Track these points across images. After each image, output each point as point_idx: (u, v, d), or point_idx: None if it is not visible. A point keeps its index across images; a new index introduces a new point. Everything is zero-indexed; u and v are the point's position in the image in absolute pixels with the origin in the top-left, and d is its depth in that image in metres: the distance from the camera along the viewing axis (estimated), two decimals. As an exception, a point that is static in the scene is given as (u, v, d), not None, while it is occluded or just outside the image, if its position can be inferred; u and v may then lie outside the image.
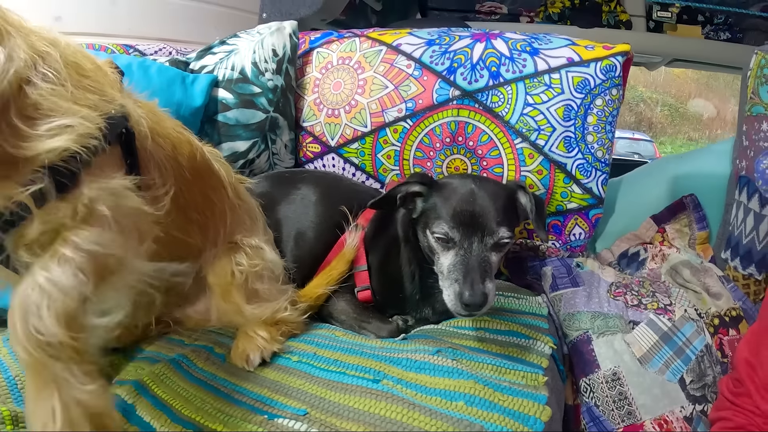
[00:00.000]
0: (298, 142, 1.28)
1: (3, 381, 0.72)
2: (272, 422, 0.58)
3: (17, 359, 0.72)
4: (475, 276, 0.71)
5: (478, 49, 1.08)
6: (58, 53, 0.52)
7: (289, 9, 1.76)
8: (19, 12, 1.02)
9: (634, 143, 9.71)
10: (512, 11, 2.66)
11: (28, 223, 0.50)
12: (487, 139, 1.06)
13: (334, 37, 1.30)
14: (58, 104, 0.50)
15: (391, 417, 0.58)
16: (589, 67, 1.02)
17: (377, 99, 1.15)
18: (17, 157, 0.48)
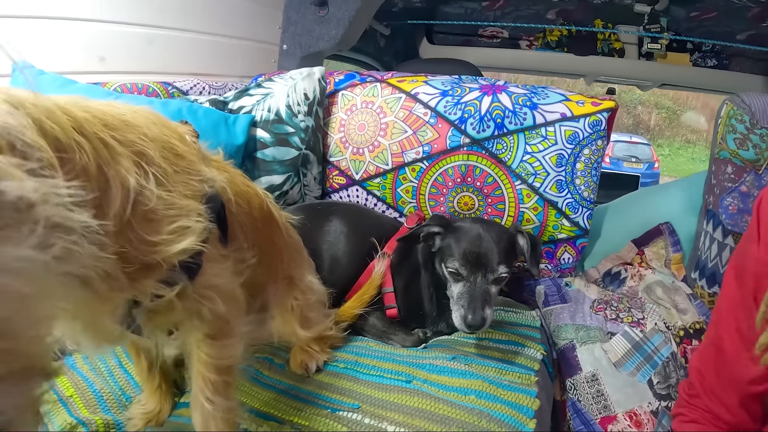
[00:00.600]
0: (325, 174, 1.48)
1: (90, 394, 0.88)
2: (335, 414, 0.78)
3: (98, 374, 0.92)
4: (477, 304, 0.92)
5: (486, 102, 1.29)
6: (155, 146, 0.57)
7: (308, 42, 1.96)
8: (69, 54, 1.21)
9: (632, 146, 9.82)
10: (513, 36, 2.84)
11: (166, 308, 0.59)
12: (491, 181, 1.27)
13: (357, 80, 1.49)
14: (170, 203, 0.56)
15: (422, 408, 0.79)
16: (579, 122, 1.24)
17: (398, 141, 1.36)
18: (151, 261, 0.54)
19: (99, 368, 0.93)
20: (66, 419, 0.82)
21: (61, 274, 0.41)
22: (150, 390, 0.86)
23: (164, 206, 0.54)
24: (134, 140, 0.54)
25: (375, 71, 1.59)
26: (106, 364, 0.95)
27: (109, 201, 0.49)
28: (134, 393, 0.90)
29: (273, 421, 0.79)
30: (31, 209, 0.37)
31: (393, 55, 3.00)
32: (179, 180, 0.58)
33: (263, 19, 1.98)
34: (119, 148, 0.51)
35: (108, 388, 0.90)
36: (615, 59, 2.52)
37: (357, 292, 1.08)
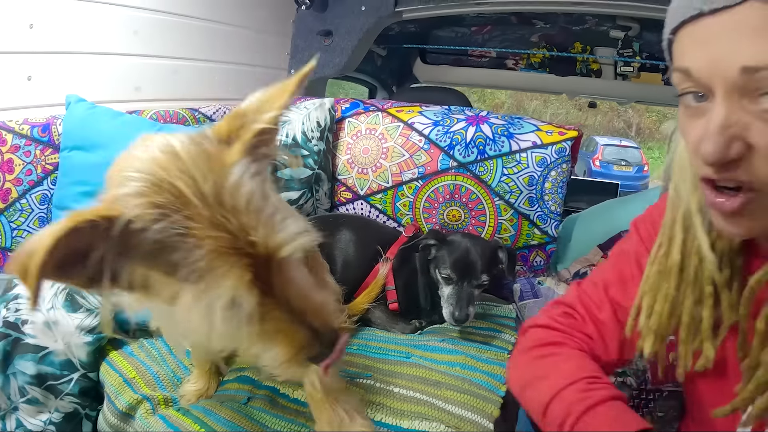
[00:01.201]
0: (334, 190, 1.75)
1: (149, 375, 1.09)
2: (353, 381, 1.04)
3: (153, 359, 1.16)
4: (462, 303, 1.21)
5: (470, 131, 1.58)
6: None
7: (315, 68, 2.23)
8: (109, 85, 1.47)
9: (622, 150, 10.15)
10: (500, 56, 3.12)
11: None
12: (475, 197, 1.56)
13: (361, 109, 1.77)
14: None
15: (419, 375, 1.05)
16: (547, 149, 1.52)
17: (397, 163, 1.64)
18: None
19: (153, 354, 1.17)
20: (132, 396, 1.04)
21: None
22: (201, 371, 1.07)
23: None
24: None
25: (376, 100, 1.87)
26: (158, 351, 1.18)
27: None
28: (183, 374, 1.12)
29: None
30: None
31: (389, 73, 3.30)
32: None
33: (274, 47, 2.27)
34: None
35: (162, 371, 1.12)
36: (593, 79, 2.81)
37: (365, 290, 1.34)
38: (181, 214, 0.54)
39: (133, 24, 1.63)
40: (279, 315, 0.59)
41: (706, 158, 0.58)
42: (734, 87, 0.56)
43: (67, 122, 1.38)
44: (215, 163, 0.57)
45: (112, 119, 1.42)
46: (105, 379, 1.12)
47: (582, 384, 0.79)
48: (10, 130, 1.30)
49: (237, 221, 0.55)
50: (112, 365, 1.13)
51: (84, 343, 1.12)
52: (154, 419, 0.99)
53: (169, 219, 0.54)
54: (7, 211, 1.32)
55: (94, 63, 1.55)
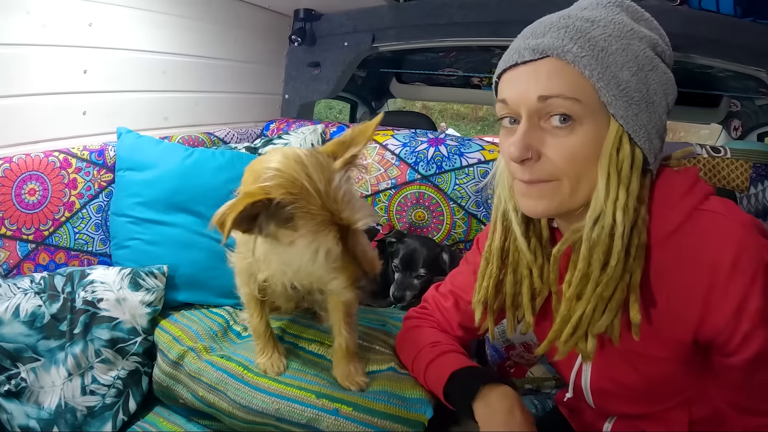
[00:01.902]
0: (326, 197, 2.16)
1: (191, 332, 1.41)
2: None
3: (192, 321, 1.54)
4: (402, 287, 1.63)
5: (431, 151, 1.99)
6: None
7: (305, 94, 2.62)
8: (144, 115, 1.85)
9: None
10: (467, 72, 3.49)
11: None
12: (435, 202, 1.97)
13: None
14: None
15: (392, 334, 1.45)
16: (489, 165, 1.93)
17: (375, 176, 2.05)
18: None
19: (192, 319, 1.53)
20: (180, 348, 1.37)
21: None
22: (262, 342, 1.31)
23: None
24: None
25: (357, 124, 2.27)
26: (195, 317, 1.55)
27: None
28: (217, 328, 1.50)
29: (315, 343, 1.41)
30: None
31: (368, 91, 3.71)
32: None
33: (271, 76, 2.64)
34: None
35: (200, 328, 1.47)
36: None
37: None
38: (304, 200, 0.92)
39: (162, 66, 1.98)
40: (347, 259, 0.97)
41: (512, 157, 0.82)
42: (534, 110, 0.81)
43: (120, 148, 1.70)
44: (325, 171, 0.94)
45: (155, 146, 1.72)
46: (158, 339, 1.47)
47: (429, 346, 1.16)
48: (74, 155, 1.62)
49: (335, 207, 0.93)
50: (163, 329, 1.49)
51: (145, 314, 1.48)
52: (203, 364, 1.33)
53: (299, 202, 0.92)
54: (72, 218, 1.63)
55: (133, 99, 1.89)
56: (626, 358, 0.93)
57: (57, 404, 1.30)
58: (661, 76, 0.82)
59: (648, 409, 0.98)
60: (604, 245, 0.81)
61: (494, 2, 2.22)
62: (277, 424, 1.21)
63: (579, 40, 0.78)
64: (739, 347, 0.80)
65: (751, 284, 0.77)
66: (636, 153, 0.81)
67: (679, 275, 0.82)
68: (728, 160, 1.92)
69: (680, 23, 2.03)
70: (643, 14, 0.85)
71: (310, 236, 0.93)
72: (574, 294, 0.85)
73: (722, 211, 0.82)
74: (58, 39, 1.59)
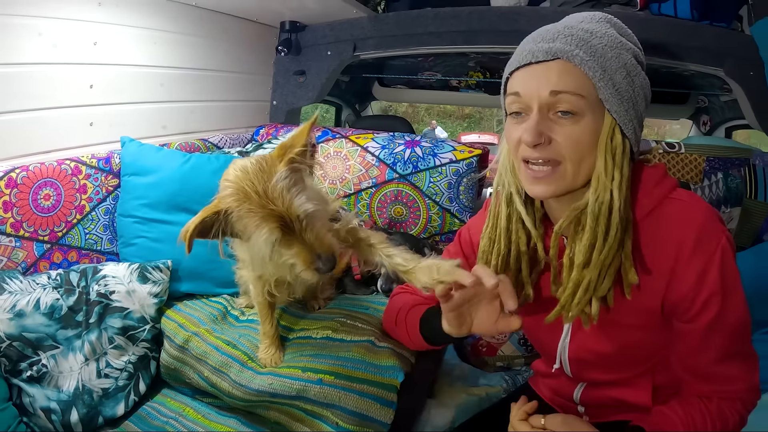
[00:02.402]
0: (312, 196, 2.33)
1: (194, 318, 1.60)
2: (335, 320, 1.59)
3: (194, 309, 1.71)
4: (390, 280, 1.71)
5: (407, 152, 2.17)
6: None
7: (291, 101, 2.77)
8: (144, 124, 2.02)
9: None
10: (445, 76, 3.65)
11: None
12: (412, 198, 2.15)
13: (329, 136, 2.34)
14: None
15: (373, 319, 1.57)
16: (460, 163, 2.12)
17: (357, 176, 2.22)
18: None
19: (194, 307, 1.70)
20: (184, 333, 1.56)
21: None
22: (268, 340, 1.45)
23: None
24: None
25: (341, 129, 2.44)
26: (197, 305, 1.72)
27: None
28: (216, 313, 1.67)
29: (304, 330, 1.56)
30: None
31: (352, 94, 3.86)
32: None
33: (259, 84, 2.80)
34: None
35: (202, 314, 1.64)
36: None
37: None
38: (247, 203, 1.06)
39: (160, 78, 2.14)
40: (298, 245, 1.08)
41: (527, 142, 0.92)
42: (545, 103, 0.92)
43: (125, 155, 1.84)
44: (266, 174, 1.07)
45: (156, 152, 1.86)
46: (165, 326, 1.63)
47: (407, 306, 1.31)
48: (84, 163, 1.77)
49: (274, 203, 1.05)
50: (168, 317, 1.66)
51: (152, 303, 1.64)
52: (208, 347, 1.50)
53: (243, 206, 1.06)
54: (83, 220, 1.77)
55: (134, 109, 2.04)
56: (603, 329, 1.04)
57: (75, 387, 1.45)
58: (642, 80, 0.96)
59: (618, 375, 1.11)
60: (605, 218, 0.93)
61: (465, 13, 2.40)
62: (272, 399, 1.38)
63: (583, 46, 0.91)
64: (698, 313, 0.94)
65: (710, 260, 0.91)
66: (625, 142, 0.95)
67: (651, 251, 0.96)
68: (682, 155, 2.11)
69: (640, 28, 2.16)
70: (626, 30, 1.00)
71: (257, 231, 1.07)
72: (583, 262, 0.96)
73: (688, 199, 0.97)
74: (67, 57, 1.74)
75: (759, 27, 2.10)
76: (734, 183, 2.11)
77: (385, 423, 1.28)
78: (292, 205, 1.07)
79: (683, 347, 1.01)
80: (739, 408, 0.99)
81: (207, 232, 1.10)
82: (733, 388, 0.99)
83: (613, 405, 1.15)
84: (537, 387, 1.37)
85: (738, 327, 0.96)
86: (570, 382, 1.22)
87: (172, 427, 1.46)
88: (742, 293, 0.95)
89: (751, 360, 1.00)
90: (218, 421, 1.49)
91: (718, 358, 0.98)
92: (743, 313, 0.96)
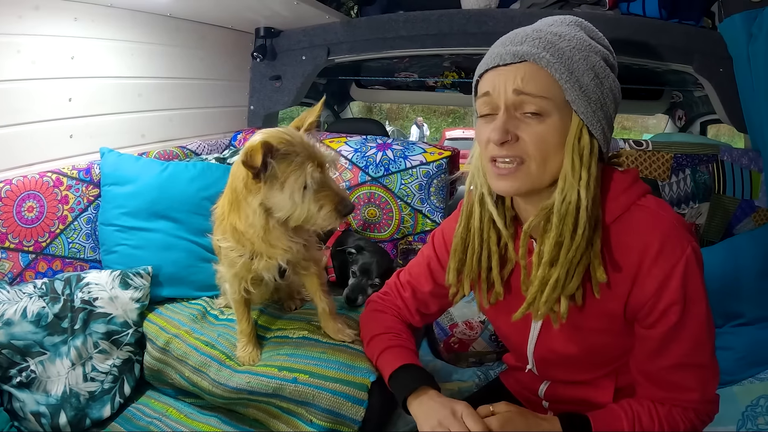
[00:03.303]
0: (290, 199, 2.40)
1: (174, 321, 1.65)
2: (311, 323, 1.67)
3: (174, 313, 1.76)
4: (356, 291, 1.73)
5: (379, 155, 2.26)
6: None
7: (268, 105, 2.82)
8: (124, 134, 2.09)
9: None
10: (422, 76, 3.73)
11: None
12: (385, 200, 2.24)
13: (304, 140, 2.43)
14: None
15: (348, 319, 1.67)
16: (430, 165, 2.20)
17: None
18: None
19: (174, 310, 1.77)
20: (165, 335, 1.61)
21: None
22: (245, 339, 1.51)
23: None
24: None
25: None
26: (177, 308, 1.78)
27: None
28: (197, 314, 1.73)
29: (280, 330, 1.64)
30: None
31: (330, 96, 3.93)
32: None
33: (237, 89, 2.86)
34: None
35: (182, 316, 1.71)
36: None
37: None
38: (291, 146, 1.24)
39: (137, 89, 2.19)
40: (327, 189, 1.30)
41: (495, 140, 0.95)
42: (511, 103, 0.95)
43: (104, 166, 1.89)
44: (296, 134, 1.29)
45: (134, 162, 1.92)
46: (147, 330, 1.69)
47: (387, 335, 1.31)
48: (65, 175, 1.82)
49: (310, 149, 1.27)
50: (150, 321, 1.72)
51: (134, 308, 1.70)
52: (188, 348, 1.57)
53: (287, 147, 1.23)
54: (65, 230, 1.81)
55: (113, 120, 2.08)
56: (568, 332, 1.07)
57: (63, 391, 1.50)
58: (611, 83, 0.98)
59: (582, 376, 1.15)
60: (572, 217, 0.95)
61: (435, 17, 2.48)
62: (249, 397, 1.45)
63: (551, 49, 0.93)
64: (657, 320, 0.96)
65: (672, 269, 0.93)
66: (593, 143, 0.96)
67: (618, 256, 0.98)
68: (650, 152, 2.19)
69: (610, 27, 2.25)
70: (597, 33, 1.02)
71: (297, 170, 1.24)
72: (549, 260, 0.98)
73: (654, 207, 0.98)
74: (46, 72, 1.79)
75: (726, 24, 2.18)
76: (702, 179, 2.18)
77: (356, 420, 1.34)
78: (323, 153, 1.30)
79: (641, 351, 1.04)
80: (692, 417, 1.01)
81: (258, 173, 1.24)
82: (685, 397, 1.01)
83: (575, 402, 1.18)
84: (507, 380, 1.42)
85: (697, 338, 0.98)
86: (536, 378, 1.26)
87: (156, 427, 1.51)
88: (704, 306, 0.97)
89: (708, 373, 1.01)
90: (200, 420, 1.55)
91: (672, 366, 0.99)
92: (704, 325, 0.98)
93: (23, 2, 1.68)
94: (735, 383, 1.67)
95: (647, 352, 1.01)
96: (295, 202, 1.26)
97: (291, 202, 1.26)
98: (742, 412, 1.55)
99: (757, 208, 2.17)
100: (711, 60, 2.26)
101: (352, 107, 4.48)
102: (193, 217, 1.91)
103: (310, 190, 1.25)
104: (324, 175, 1.29)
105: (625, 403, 1.05)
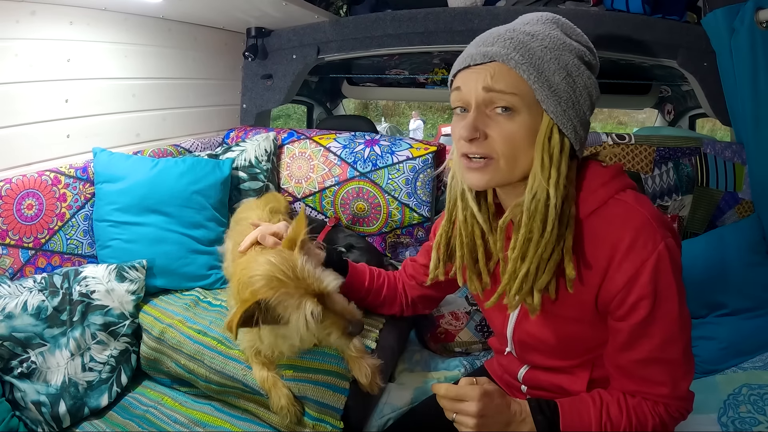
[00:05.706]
0: (280, 195, 2.47)
1: (168, 311, 1.72)
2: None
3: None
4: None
5: (367, 151, 2.33)
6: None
7: (260, 103, 2.89)
8: (119, 133, 2.17)
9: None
10: (412, 73, 3.78)
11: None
12: (373, 195, 2.31)
13: (295, 138, 2.49)
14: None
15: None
16: (416, 160, 2.27)
17: (321, 175, 2.38)
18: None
19: (168, 301, 1.83)
20: (160, 325, 1.67)
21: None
22: (270, 387, 1.44)
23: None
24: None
25: (305, 130, 2.59)
26: (171, 299, 1.86)
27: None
28: (190, 303, 1.80)
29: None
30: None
31: (322, 93, 4.00)
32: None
33: (230, 88, 2.93)
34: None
35: (176, 307, 1.77)
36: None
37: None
38: (283, 288, 1.21)
39: (132, 89, 2.26)
40: (332, 317, 1.25)
41: (464, 136, 0.96)
42: (481, 100, 0.95)
43: (97, 165, 1.95)
44: (288, 260, 1.25)
45: (126, 160, 1.99)
46: (143, 321, 1.76)
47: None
48: (62, 173, 1.88)
49: (305, 282, 1.23)
50: (145, 312, 1.79)
51: (130, 300, 1.77)
52: (182, 338, 1.64)
53: (279, 292, 1.21)
54: (64, 227, 1.87)
55: (108, 120, 2.15)
56: (545, 318, 1.09)
57: (62, 381, 1.56)
58: (586, 80, 0.98)
59: (558, 363, 1.16)
60: (541, 214, 0.96)
61: (421, 15, 2.55)
62: (244, 388, 1.52)
63: (521, 50, 0.93)
64: (627, 313, 0.98)
65: (643, 264, 0.93)
66: (564, 141, 0.96)
67: (591, 249, 0.99)
68: (632, 146, 2.24)
69: (594, 23, 2.34)
70: (575, 30, 1.02)
71: (296, 311, 1.22)
72: (518, 255, 0.99)
73: (632, 202, 0.98)
74: (43, 75, 1.85)
75: (709, 19, 2.21)
76: (685, 171, 2.22)
77: (338, 408, 1.40)
78: (321, 281, 1.25)
79: (613, 343, 1.05)
80: (661, 412, 1.01)
81: (249, 321, 1.22)
82: (655, 391, 1.01)
83: (552, 389, 1.20)
84: (490, 366, 1.47)
85: (667, 334, 0.98)
86: (516, 362, 1.29)
87: (152, 415, 1.59)
88: (676, 302, 0.96)
89: (679, 369, 1.01)
90: (194, 408, 1.62)
91: (642, 360, 1.00)
92: (675, 321, 0.97)
93: (20, 7, 1.74)
94: (718, 372, 1.71)
95: (619, 344, 1.03)
96: (302, 337, 1.27)
97: (298, 337, 1.27)
98: (724, 401, 1.57)
99: (741, 200, 2.20)
100: (695, 54, 2.29)
101: (348, 105, 4.52)
102: (184, 211, 1.99)
103: (313, 323, 1.23)
104: (326, 302, 1.26)
105: (595, 392, 1.07)
